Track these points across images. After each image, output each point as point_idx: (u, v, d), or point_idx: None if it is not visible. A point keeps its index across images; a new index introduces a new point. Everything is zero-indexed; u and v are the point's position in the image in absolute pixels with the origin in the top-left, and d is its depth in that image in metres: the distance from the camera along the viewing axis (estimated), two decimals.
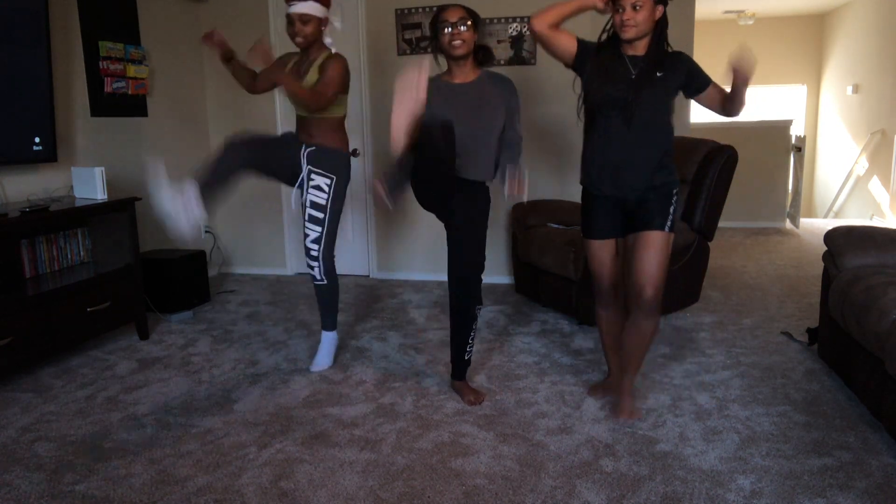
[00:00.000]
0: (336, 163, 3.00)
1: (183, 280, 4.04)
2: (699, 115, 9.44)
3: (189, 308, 4.07)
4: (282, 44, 4.80)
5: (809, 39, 9.26)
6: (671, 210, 2.45)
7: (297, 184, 3.06)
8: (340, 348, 3.41)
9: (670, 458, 2.26)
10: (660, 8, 2.35)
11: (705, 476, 2.15)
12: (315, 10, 2.85)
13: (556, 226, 4.11)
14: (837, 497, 2.02)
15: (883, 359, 2.29)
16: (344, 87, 2.93)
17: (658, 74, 2.38)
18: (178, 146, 4.77)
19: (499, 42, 4.45)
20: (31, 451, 2.41)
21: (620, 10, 2.33)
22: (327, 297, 3.13)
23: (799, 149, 6.71)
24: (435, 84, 2.62)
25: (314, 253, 3.04)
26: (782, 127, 6.71)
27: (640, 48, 2.40)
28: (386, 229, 4.91)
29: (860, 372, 2.56)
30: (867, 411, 2.54)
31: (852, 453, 2.27)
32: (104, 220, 3.64)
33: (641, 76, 2.38)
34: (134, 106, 4.31)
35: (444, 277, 4.85)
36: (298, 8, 2.82)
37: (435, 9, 4.43)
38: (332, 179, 2.98)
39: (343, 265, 5.03)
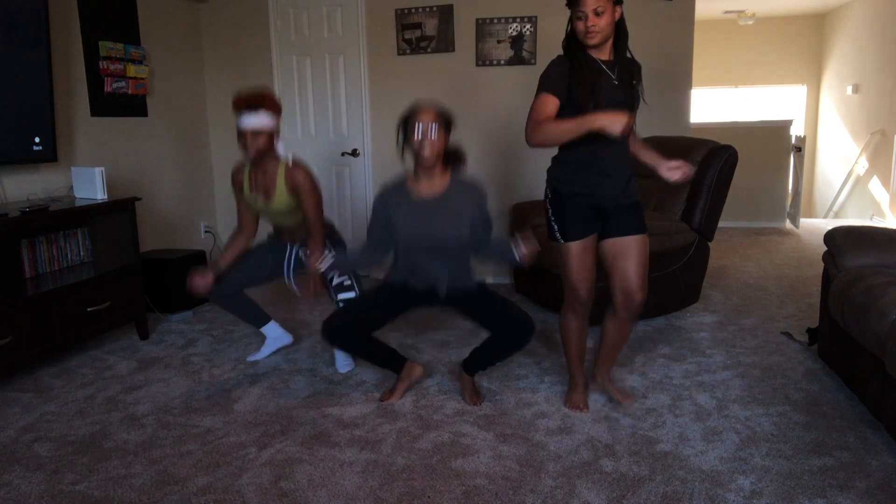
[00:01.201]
0: (327, 238, 3.07)
1: (183, 280, 4.02)
2: (699, 115, 9.45)
3: (189, 308, 4.07)
4: (282, 44, 4.80)
5: (809, 39, 9.26)
6: (643, 214, 2.49)
7: (287, 270, 3.13)
8: None
9: (670, 458, 2.26)
10: (618, 9, 2.31)
11: (705, 476, 2.15)
12: (266, 123, 2.80)
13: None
14: (837, 497, 2.02)
15: (883, 359, 2.29)
16: (320, 193, 2.96)
17: (633, 82, 2.40)
18: (178, 146, 4.77)
19: (499, 42, 4.46)
20: (31, 451, 2.41)
21: (582, 17, 2.28)
22: None
23: (799, 149, 6.71)
24: (399, 194, 2.58)
25: (347, 283, 3.01)
26: (782, 127, 6.71)
27: (605, 52, 2.36)
28: None
29: (860, 372, 2.56)
30: (867, 411, 2.54)
31: (852, 453, 2.27)
32: (104, 220, 3.64)
33: (623, 83, 2.37)
34: (134, 106, 4.32)
35: None
36: (249, 124, 2.77)
37: (436, 8, 4.46)
38: (330, 251, 3.02)
39: None
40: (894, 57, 6.94)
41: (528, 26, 4.39)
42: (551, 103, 2.37)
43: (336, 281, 3.02)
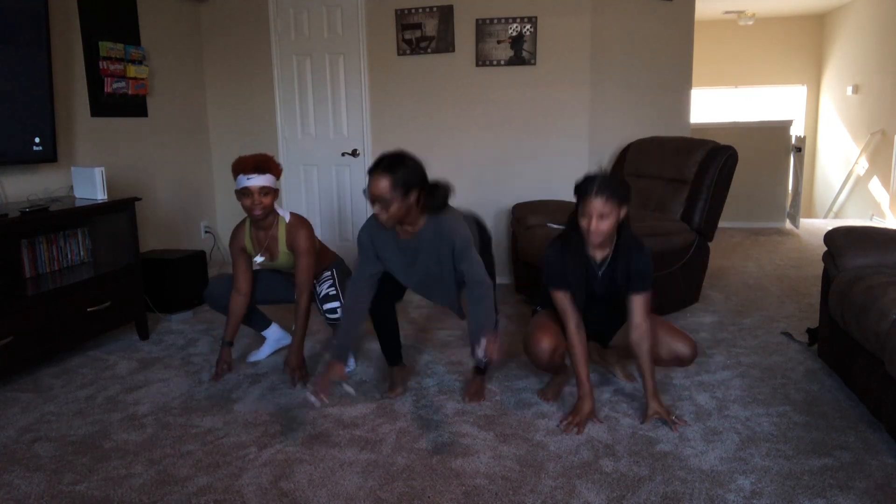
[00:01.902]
0: (332, 265, 3.16)
1: (183, 280, 4.04)
2: (699, 115, 9.45)
3: (189, 308, 4.07)
4: (282, 44, 4.80)
5: (809, 39, 9.26)
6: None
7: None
8: None
9: (670, 458, 2.26)
10: (623, 209, 2.35)
11: (705, 476, 2.15)
12: (273, 182, 2.88)
13: (555, 226, 4.11)
14: (837, 497, 2.02)
15: (883, 359, 2.29)
16: (316, 249, 3.03)
17: (620, 282, 2.46)
18: (178, 146, 4.77)
19: (499, 42, 4.46)
20: (31, 451, 2.41)
21: (586, 218, 2.32)
22: None
23: (799, 149, 6.71)
24: (383, 232, 2.57)
25: (332, 293, 3.03)
26: (782, 127, 6.71)
27: (602, 248, 2.45)
28: None
29: (860, 372, 2.56)
30: (867, 411, 2.54)
31: (852, 453, 2.27)
32: (104, 220, 3.64)
33: (607, 279, 2.48)
34: (134, 106, 4.32)
35: None
36: (259, 181, 2.81)
37: (436, 9, 4.46)
38: (330, 269, 3.13)
39: None
40: (894, 57, 6.94)
41: (528, 26, 4.39)
42: (564, 298, 2.50)
43: (323, 292, 3.04)
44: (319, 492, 2.11)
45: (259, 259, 3.02)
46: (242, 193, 2.85)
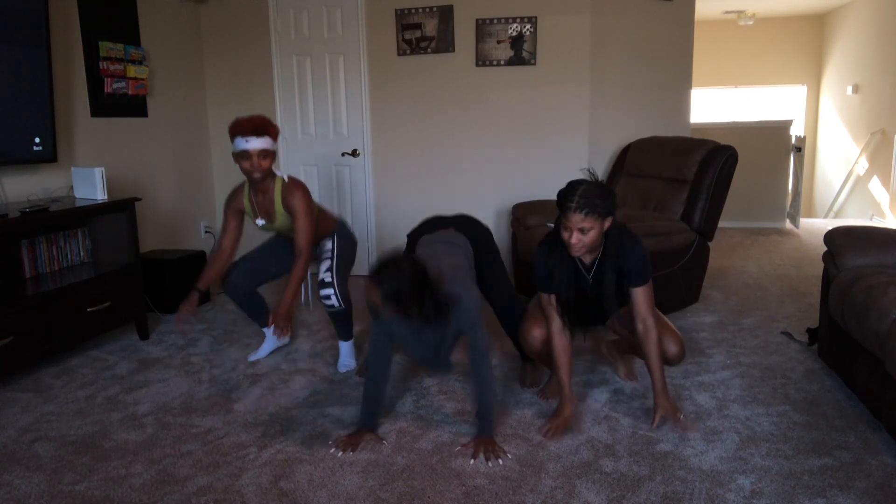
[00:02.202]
0: (334, 232, 3.15)
1: (183, 280, 4.04)
2: (699, 115, 9.45)
3: None
4: (282, 44, 4.80)
5: (809, 39, 9.26)
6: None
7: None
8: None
9: (670, 458, 2.26)
10: (608, 220, 2.29)
11: (705, 476, 2.15)
12: (271, 144, 2.88)
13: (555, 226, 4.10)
14: (837, 497, 2.02)
15: (883, 359, 2.29)
16: (314, 213, 2.98)
17: (611, 285, 2.41)
18: (178, 146, 4.77)
19: (499, 42, 4.45)
20: (31, 451, 2.41)
21: (567, 231, 2.27)
22: (343, 318, 3.14)
23: (799, 149, 6.71)
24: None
25: (328, 279, 3.02)
26: (782, 127, 6.71)
27: (593, 251, 2.40)
28: (386, 229, 4.92)
29: (860, 372, 2.56)
30: (867, 411, 2.54)
31: (852, 453, 2.27)
32: (104, 220, 3.64)
33: (598, 282, 2.44)
34: (134, 106, 4.32)
35: None
36: (257, 144, 2.82)
37: (436, 9, 4.46)
38: (333, 240, 3.13)
39: None
40: (894, 57, 6.94)
41: (528, 26, 4.39)
42: (549, 301, 2.52)
43: (320, 274, 3.07)
44: (319, 492, 2.11)
45: (260, 222, 3.04)
46: (241, 156, 2.84)
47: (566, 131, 4.50)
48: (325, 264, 3.08)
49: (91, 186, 3.50)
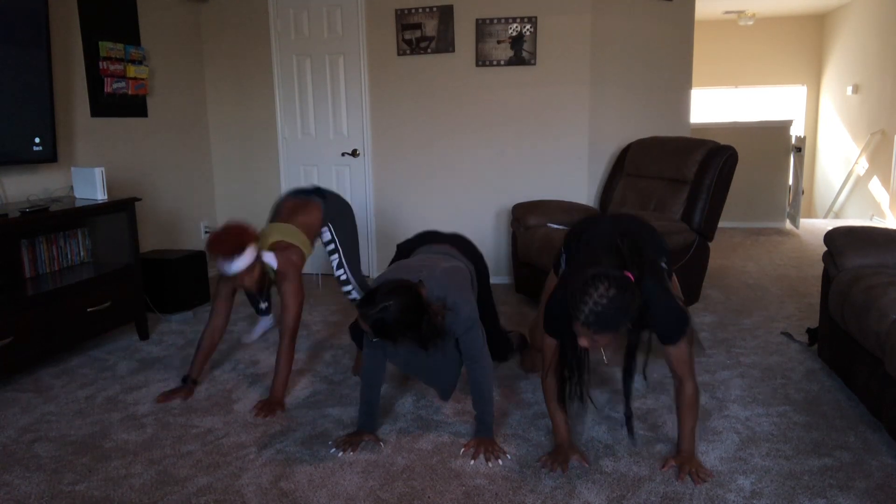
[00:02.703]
0: (325, 222, 3.14)
1: (183, 280, 4.04)
2: (699, 115, 9.44)
3: (189, 308, 4.07)
4: (282, 44, 4.80)
5: (809, 39, 9.26)
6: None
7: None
8: (341, 349, 3.41)
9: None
10: (623, 327, 2.00)
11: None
12: (246, 261, 2.60)
13: (556, 226, 4.11)
14: (837, 497, 2.02)
15: (883, 359, 2.29)
16: (301, 280, 2.81)
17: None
18: (178, 146, 4.77)
19: (499, 42, 4.45)
20: (31, 451, 2.41)
21: (578, 336, 2.01)
22: None
23: (799, 149, 6.71)
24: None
25: (343, 277, 3.21)
26: (782, 127, 6.72)
27: None
28: (386, 229, 4.92)
29: (860, 372, 2.56)
30: (867, 411, 2.54)
31: (852, 453, 2.27)
32: (104, 220, 3.64)
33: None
34: (134, 106, 4.32)
35: None
36: (237, 267, 2.58)
37: (436, 9, 4.46)
38: (328, 227, 3.15)
39: None
40: (894, 57, 6.94)
41: (528, 26, 4.39)
42: (551, 346, 2.26)
43: (338, 276, 3.23)
44: (319, 492, 2.11)
45: (263, 306, 3.27)
46: (224, 277, 2.72)
47: (566, 131, 4.50)
48: (335, 260, 3.16)
49: (91, 186, 3.50)
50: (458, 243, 2.76)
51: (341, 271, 3.21)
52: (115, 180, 4.15)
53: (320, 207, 3.14)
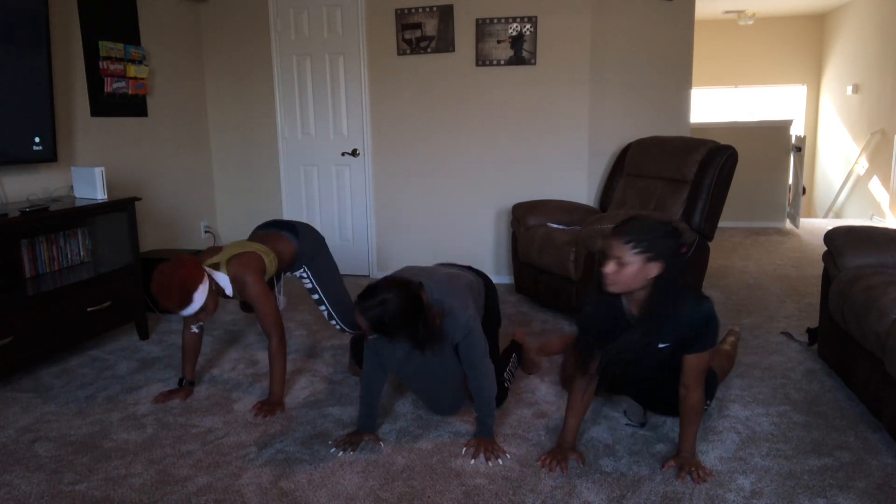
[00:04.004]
0: (299, 260, 3.00)
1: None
2: (699, 115, 9.43)
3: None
4: (282, 44, 4.80)
5: (809, 39, 9.26)
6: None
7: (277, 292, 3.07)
8: (340, 349, 3.41)
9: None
10: (653, 266, 1.99)
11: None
12: (198, 303, 2.52)
13: (556, 226, 4.11)
14: (837, 497, 2.02)
15: (883, 359, 2.29)
16: (267, 293, 2.71)
17: (660, 346, 2.15)
18: (178, 146, 4.77)
19: (499, 42, 4.45)
20: (31, 451, 2.41)
21: (603, 261, 2.02)
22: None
23: (799, 149, 6.71)
24: (386, 343, 2.37)
25: (338, 327, 3.15)
26: (782, 127, 6.71)
27: (636, 301, 2.11)
28: (386, 229, 4.92)
29: (860, 372, 2.56)
30: (867, 411, 2.54)
31: (852, 453, 2.27)
32: (104, 220, 3.64)
33: (640, 345, 2.12)
34: (134, 106, 4.31)
35: None
36: (189, 311, 2.52)
37: (435, 8, 4.46)
38: (303, 269, 3.05)
39: (343, 265, 5.03)
40: (894, 57, 6.94)
41: (528, 26, 4.39)
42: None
43: (323, 312, 3.11)
44: (319, 492, 2.11)
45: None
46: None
47: (566, 131, 4.49)
48: (323, 311, 3.10)
49: (91, 186, 3.50)
50: (469, 269, 2.78)
51: (333, 322, 3.10)
52: (115, 180, 4.15)
53: (292, 243, 2.99)
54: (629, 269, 1.99)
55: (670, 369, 2.19)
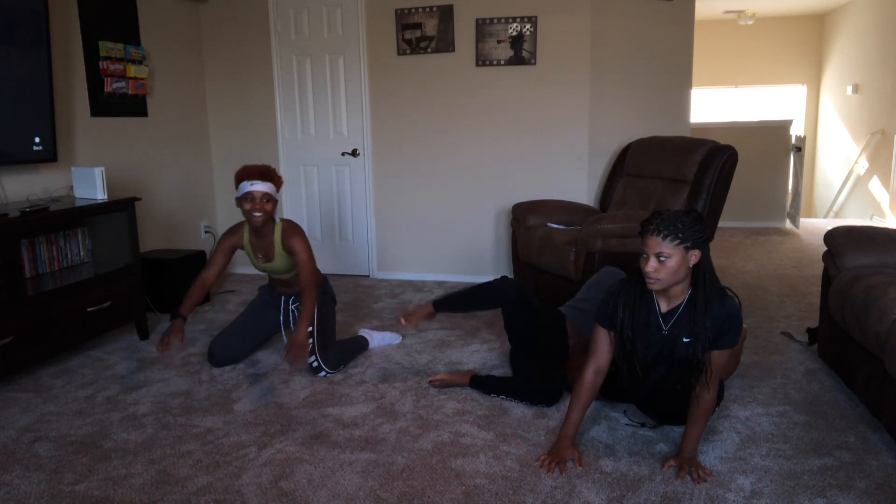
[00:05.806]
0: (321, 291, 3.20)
1: (183, 280, 4.04)
2: (699, 115, 9.44)
3: None
4: (282, 44, 4.80)
5: (809, 39, 9.26)
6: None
7: (283, 322, 3.33)
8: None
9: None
10: (694, 253, 2.02)
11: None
12: (274, 191, 3.02)
13: (555, 226, 4.11)
14: (837, 497, 2.02)
15: (883, 359, 2.29)
16: (311, 251, 3.09)
17: (684, 339, 2.15)
18: (178, 146, 4.77)
19: (499, 42, 4.45)
20: (31, 451, 2.41)
21: (644, 257, 2.02)
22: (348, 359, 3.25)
23: (799, 149, 6.71)
24: None
25: (315, 364, 3.03)
26: (782, 127, 6.72)
27: (671, 296, 2.12)
28: (386, 229, 4.92)
29: (860, 372, 2.56)
30: (867, 411, 2.54)
31: (852, 453, 2.27)
32: (104, 220, 3.64)
33: (673, 336, 2.13)
34: (134, 106, 4.32)
35: (444, 277, 4.86)
36: (261, 187, 2.96)
37: (435, 8, 4.46)
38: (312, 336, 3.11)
39: (343, 265, 5.03)
40: (894, 57, 6.94)
41: (528, 26, 4.39)
42: (605, 339, 2.26)
43: (308, 360, 3.08)
44: (319, 492, 2.11)
45: (254, 260, 3.17)
46: (245, 199, 2.98)
47: (566, 131, 4.50)
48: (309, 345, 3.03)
49: (91, 186, 3.50)
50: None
51: (312, 358, 3.03)
52: (115, 180, 4.15)
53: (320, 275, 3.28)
54: (671, 263, 2.01)
55: (678, 374, 2.20)
